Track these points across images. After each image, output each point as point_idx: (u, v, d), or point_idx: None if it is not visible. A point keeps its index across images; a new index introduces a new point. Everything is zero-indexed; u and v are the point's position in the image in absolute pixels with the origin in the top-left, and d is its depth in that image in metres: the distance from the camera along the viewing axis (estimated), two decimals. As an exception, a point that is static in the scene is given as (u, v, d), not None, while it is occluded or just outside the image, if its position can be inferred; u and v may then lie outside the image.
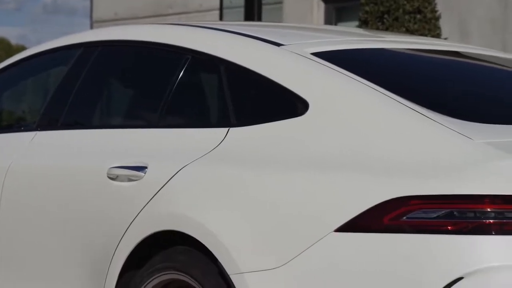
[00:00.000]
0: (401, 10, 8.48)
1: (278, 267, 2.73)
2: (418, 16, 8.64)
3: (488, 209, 2.53)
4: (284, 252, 2.73)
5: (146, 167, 3.11)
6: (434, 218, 2.57)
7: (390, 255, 2.59)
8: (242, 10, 9.69)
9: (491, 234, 2.52)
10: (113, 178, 3.18)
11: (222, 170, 2.93)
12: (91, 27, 12.65)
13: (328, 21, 11.32)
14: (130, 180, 3.13)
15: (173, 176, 3.02)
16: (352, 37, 3.49)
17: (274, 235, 2.76)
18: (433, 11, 8.62)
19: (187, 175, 2.99)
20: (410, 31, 8.48)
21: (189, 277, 2.92)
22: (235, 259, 2.79)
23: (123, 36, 3.52)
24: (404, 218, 2.59)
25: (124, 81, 3.59)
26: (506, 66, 3.50)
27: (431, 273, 2.54)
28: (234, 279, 2.79)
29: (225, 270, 2.81)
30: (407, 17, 8.56)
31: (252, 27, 3.52)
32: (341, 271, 2.64)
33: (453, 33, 10.00)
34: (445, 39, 8.30)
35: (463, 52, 3.50)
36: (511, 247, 2.52)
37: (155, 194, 3.04)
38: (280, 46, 3.13)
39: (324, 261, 2.67)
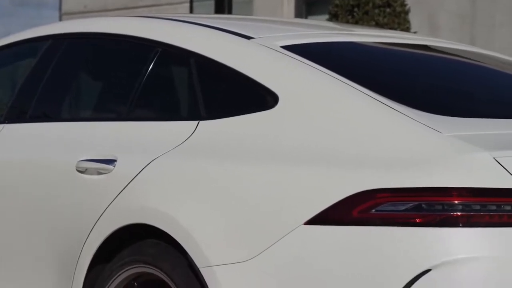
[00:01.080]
0: (370, 4, 8.52)
1: (248, 260, 2.73)
2: (388, 10, 8.68)
3: (456, 202, 2.55)
4: (254, 245, 2.73)
5: (115, 160, 3.10)
6: (403, 210, 2.58)
7: (359, 247, 2.60)
8: (212, 3, 9.68)
9: (459, 226, 2.54)
10: (82, 171, 3.17)
11: (192, 163, 2.93)
12: (60, 20, 12.57)
13: (298, 14, 11.34)
14: (99, 173, 3.11)
15: (142, 169, 3.01)
16: (322, 31, 3.50)
17: (244, 228, 2.76)
18: (403, 5, 8.66)
19: (157, 168, 2.99)
20: (379, 25, 8.52)
21: (158, 271, 2.91)
22: (204, 252, 2.79)
23: (92, 29, 3.50)
24: (373, 211, 2.61)
25: (93, 73, 3.57)
26: (474, 60, 3.52)
27: (399, 265, 2.55)
28: (203, 272, 2.79)
29: (194, 263, 2.81)
30: (376, 11, 8.59)
31: (222, 20, 3.51)
32: (311, 264, 2.65)
33: (422, 27, 10.06)
34: (415, 32, 8.34)
35: (432, 45, 3.52)
36: (478, 239, 2.54)
37: (125, 188, 3.03)
38: (250, 39, 3.13)
39: (294, 254, 2.67)
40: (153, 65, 3.25)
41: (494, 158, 2.58)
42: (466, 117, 2.83)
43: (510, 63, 3.56)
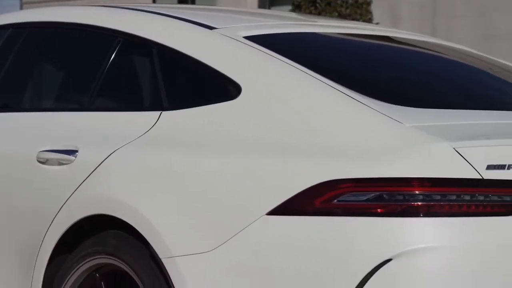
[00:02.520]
0: (333, -5, 8.54)
1: (211, 250, 2.73)
2: (350, 1, 8.71)
3: (417, 192, 2.57)
4: (216, 236, 2.73)
5: (77, 151, 3.08)
6: (364, 201, 2.60)
7: (321, 237, 2.61)
8: (175, -7, 9.63)
9: (419, 216, 2.56)
10: (43, 162, 3.14)
11: (154, 153, 2.92)
12: (21, 9, 12.45)
13: (261, 5, 11.34)
14: (60, 164, 3.09)
15: (104, 160, 3.00)
16: (285, 21, 3.50)
17: (206, 219, 2.76)
18: (365, -4, 8.69)
19: (119, 159, 2.97)
20: (342, 16, 8.56)
21: (120, 261, 2.90)
22: (166, 243, 2.78)
23: (53, 18, 3.47)
24: (335, 201, 2.62)
25: (54, 63, 3.54)
26: (435, 51, 3.55)
27: (361, 255, 2.57)
28: (165, 263, 2.79)
29: (157, 254, 2.81)
30: (339, 2, 8.62)
31: (185, 10, 3.50)
32: (273, 254, 2.66)
33: (384, 18, 10.11)
34: (377, 23, 8.38)
35: (393, 37, 3.54)
36: (438, 229, 2.57)
37: (86, 178, 3.01)
38: (213, 30, 3.12)
39: (256, 244, 2.68)
40: (114, 55, 3.24)
41: (454, 148, 2.61)
42: (427, 108, 2.85)
43: (470, 54, 3.60)
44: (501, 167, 2.60)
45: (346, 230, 2.59)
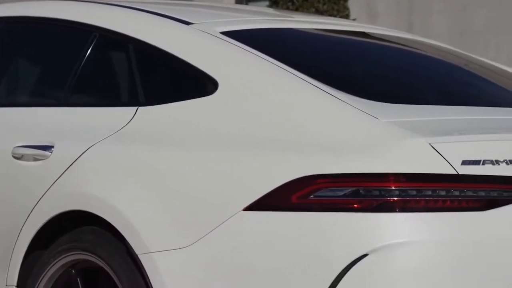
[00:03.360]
0: (311, -9, 8.55)
1: (187, 246, 2.73)
2: (328, -3, 8.71)
3: (393, 187, 2.58)
4: (193, 232, 2.73)
5: (52, 146, 3.07)
6: (341, 196, 2.61)
7: (298, 233, 2.62)
8: (152, -12, 9.58)
9: (395, 211, 2.57)
10: (18, 157, 3.13)
11: (130, 149, 2.91)
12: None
13: (239, 0, 11.33)
14: (36, 159, 3.08)
15: (80, 156, 2.99)
16: (262, 17, 3.50)
17: (183, 214, 2.76)
18: (342, -8, 8.71)
19: (95, 154, 2.96)
20: (319, 12, 8.57)
21: (96, 257, 2.90)
22: (143, 239, 2.78)
23: (28, 13, 3.45)
24: (312, 196, 2.63)
25: (30, 58, 3.52)
26: (412, 47, 3.56)
27: (337, 250, 2.58)
28: (142, 258, 2.78)
29: (133, 250, 2.80)
30: (316, -3, 8.62)
31: (161, 5, 3.49)
32: (250, 249, 2.66)
33: (361, 14, 10.14)
34: (354, 19, 8.40)
35: (370, 33, 3.55)
36: (414, 224, 2.58)
37: (62, 174, 3.00)
38: (190, 25, 3.11)
39: (233, 240, 2.68)
40: (91, 51, 3.22)
41: (430, 144, 2.62)
42: (403, 103, 2.86)
43: (446, 50, 3.62)
44: (476, 162, 2.61)
45: (323, 225, 2.60)
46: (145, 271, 2.78)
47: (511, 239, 2.60)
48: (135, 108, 3.02)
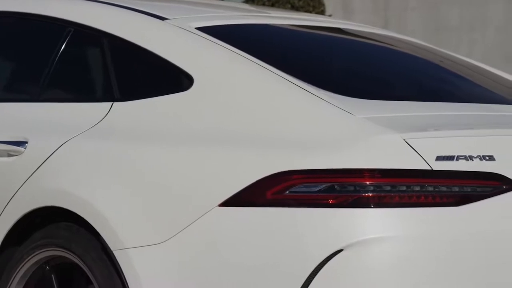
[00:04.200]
0: (286, -13, 8.56)
1: (162, 242, 2.73)
2: (303, -7, 8.72)
3: (367, 183, 2.59)
4: (168, 227, 2.73)
5: (26, 142, 3.05)
6: (316, 192, 2.61)
7: (273, 229, 2.62)
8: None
9: (370, 207, 2.58)
10: (-9, 153, 3.11)
11: (105, 145, 2.90)
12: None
13: (214, -4, 11.29)
14: (9, 155, 3.06)
15: (54, 151, 2.97)
16: (238, 13, 3.50)
17: (158, 210, 2.76)
18: (318, -12, 8.72)
19: (69, 150, 2.95)
20: (295, 8, 8.58)
21: (71, 254, 2.88)
22: (118, 235, 2.77)
23: (2, 7, 3.43)
24: (287, 192, 2.63)
25: (3, 54, 3.50)
26: (387, 44, 3.58)
27: (312, 246, 2.58)
28: (117, 254, 2.77)
29: (108, 246, 2.80)
30: (292, -7, 8.63)
31: (136, 1, 3.48)
32: (225, 246, 2.66)
33: (337, 10, 10.15)
34: (329, 16, 8.41)
35: (345, 29, 3.56)
36: (388, 219, 2.59)
37: (36, 170, 2.98)
38: (165, 20, 3.10)
39: (208, 236, 2.68)
40: (65, 46, 3.21)
41: (404, 140, 2.63)
42: (378, 99, 2.87)
43: (421, 46, 3.63)
44: (450, 158, 2.63)
45: (298, 221, 2.60)
46: (120, 267, 2.77)
47: (484, 233, 2.62)
48: (110, 103, 3.00)
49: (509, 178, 2.65)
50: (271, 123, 2.74)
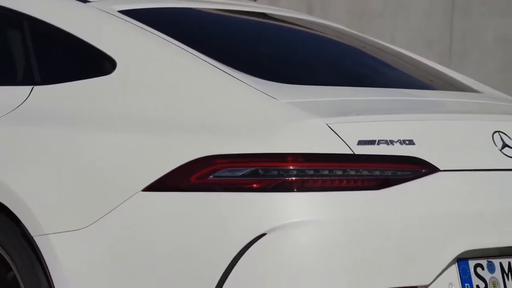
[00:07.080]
0: (212, -29, 8.51)
1: (84, 227, 2.70)
2: (229, -23, 8.66)
3: (290, 167, 2.60)
4: (90, 213, 2.70)
5: None
6: (240, 176, 2.62)
7: (197, 213, 2.62)
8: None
9: (293, 191, 2.60)
10: None
11: (24, 129, 2.85)
12: None
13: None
14: None
15: (-27, 136, 2.91)
16: (162, -4, 3.47)
17: (80, 195, 2.73)
18: (244, -27, 8.71)
19: (-12, 134, 2.89)
20: (220, -8, 8.50)
21: (-10, 240, 2.84)
22: (39, 221, 2.73)
23: None
24: (211, 177, 2.63)
25: None
26: (311, 29, 3.60)
27: (236, 230, 2.59)
28: (38, 240, 2.74)
29: (28, 232, 2.76)
30: (217, -22, 8.56)
31: (58, -17, 3.42)
32: (149, 230, 2.65)
33: (262, -5, 10.15)
34: (254, 1, 8.41)
35: (270, 14, 3.57)
36: (311, 203, 2.61)
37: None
38: (86, 3, 3.06)
39: (131, 221, 2.66)
40: (-17, 28, 3.14)
41: (327, 124, 2.65)
42: (302, 84, 2.89)
43: (344, 32, 3.66)
44: (371, 142, 2.66)
45: (222, 205, 2.61)
46: (41, 253, 2.73)
47: (405, 217, 2.66)
48: (30, 87, 2.96)
49: (428, 162, 2.69)
50: (193, 108, 2.73)
